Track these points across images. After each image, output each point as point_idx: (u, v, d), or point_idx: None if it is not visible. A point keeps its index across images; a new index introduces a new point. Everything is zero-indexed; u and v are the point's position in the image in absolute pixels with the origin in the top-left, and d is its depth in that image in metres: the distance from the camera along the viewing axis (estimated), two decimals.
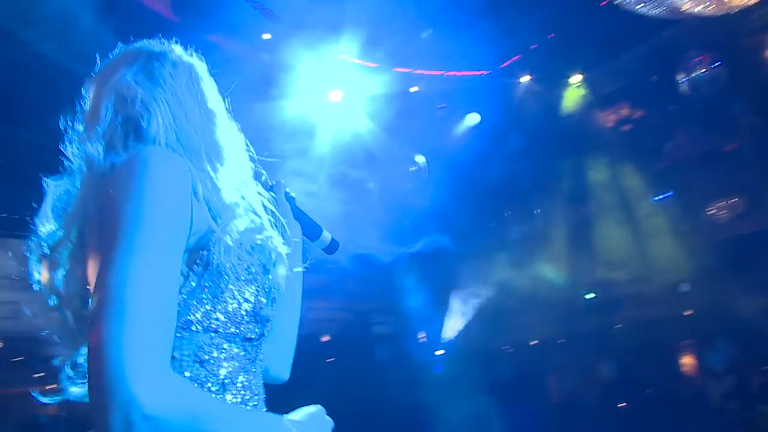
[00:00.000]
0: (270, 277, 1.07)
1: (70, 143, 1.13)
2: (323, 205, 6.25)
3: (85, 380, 0.90)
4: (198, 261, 0.96)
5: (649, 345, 11.00)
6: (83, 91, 1.18)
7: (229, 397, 0.97)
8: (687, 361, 11.90)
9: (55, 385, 1.04)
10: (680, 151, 9.62)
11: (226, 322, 0.98)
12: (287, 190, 1.37)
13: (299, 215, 1.36)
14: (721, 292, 8.25)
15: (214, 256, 0.96)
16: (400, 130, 7.98)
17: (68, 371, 1.04)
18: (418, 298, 9.19)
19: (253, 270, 1.03)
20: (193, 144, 1.08)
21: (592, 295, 10.14)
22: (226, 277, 0.97)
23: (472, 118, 8.83)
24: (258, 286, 1.03)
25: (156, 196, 0.87)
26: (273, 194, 1.27)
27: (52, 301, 1.05)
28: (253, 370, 1.05)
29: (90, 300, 0.98)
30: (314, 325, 8.87)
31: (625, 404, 10.87)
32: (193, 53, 1.25)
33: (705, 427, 8.28)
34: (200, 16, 6.13)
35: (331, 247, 1.40)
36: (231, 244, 0.97)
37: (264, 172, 1.30)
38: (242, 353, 1.01)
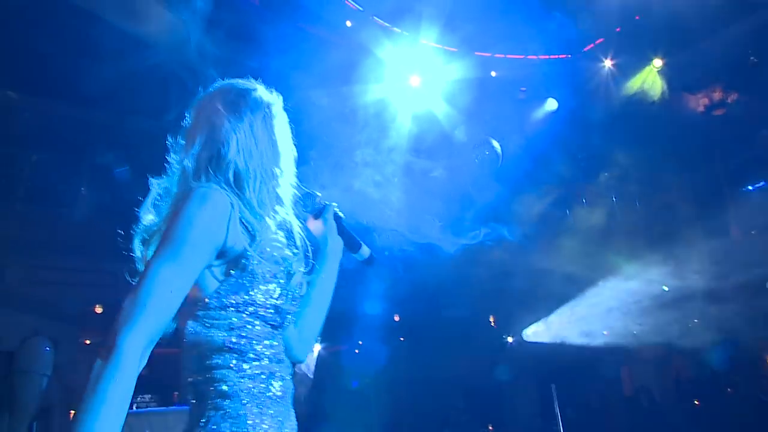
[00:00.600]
0: (291, 281, 1.40)
1: (174, 152, 1.47)
2: (393, 191, 6.43)
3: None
4: (238, 265, 1.32)
5: (729, 342, 10.56)
6: (186, 113, 1.50)
7: (246, 366, 1.31)
8: None
9: None
10: None
11: (255, 309, 1.33)
12: (336, 210, 1.65)
13: (344, 232, 1.64)
14: None
15: (250, 263, 1.32)
16: (477, 115, 7.98)
17: None
18: (486, 285, 9.24)
19: (278, 276, 1.37)
20: (253, 174, 1.41)
21: (666, 288, 9.80)
22: (258, 279, 1.33)
23: (551, 104, 8.68)
24: (281, 288, 1.37)
25: (190, 224, 1.24)
26: (322, 214, 1.62)
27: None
28: (276, 347, 1.38)
29: None
30: (387, 307, 9.13)
31: (698, 402, 10.55)
32: (273, 91, 1.55)
33: None
34: (286, 3, 6.40)
35: (369, 260, 1.66)
36: (262, 257, 1.34)
37: (319, 194, 1.61)
38: (265, 333, 1.35)
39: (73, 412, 9.95)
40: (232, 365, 1.30)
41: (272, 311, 1.35)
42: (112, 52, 5.26)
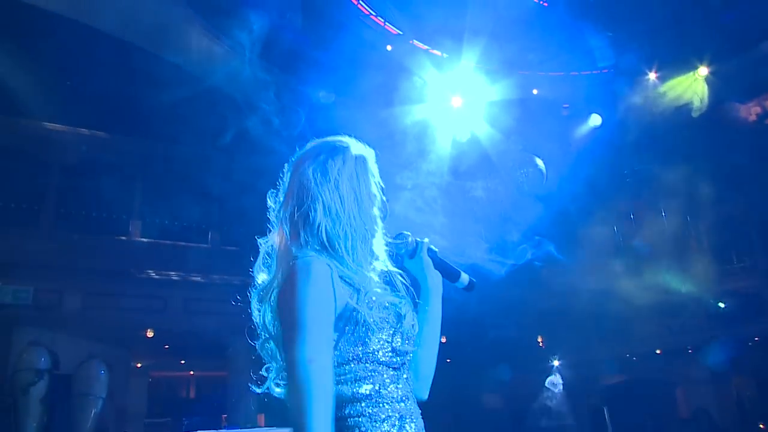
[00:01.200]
0: (404, 323, 1.43)
1: (274, 210, 1.53)
2: (436, 214, 6.42)
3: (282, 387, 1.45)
4: (350, 320, 1.37)
5: None
6: (284, 170, 1.56)
7: (378, 410, 1.36)
8: None
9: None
10: None
11: (375, 357, 1.38)
12: (431, 246, 1.67)
13: (440, 264, 1.67)
14: None
15: (360, 315, 1.36)
16: (520, 134, 7.93)
17: (274, 379, 1.49)
18: (534, 306, 9.08)
19: (389, 321, 1.40)
20: (342, 234, 1.45)
21: (723, 304, 9.42)
22: (371, 328, 1.37)
23: (595, 120, 8.55)
24: (395, 331, 1.41)
25: (308, 303, 1.30)
26: (416, 253, 1.66)
27: (264, 335, 1.49)
28: (401, 389, 1.42)
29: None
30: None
31: (763, 425, 10.06)
32: (366, 145, 1.58)
33: None
34: (326, 27, 6.54)
35: (470, 286, 1.69)
36: (370, 307, 1.38)
37: (409, 233, 1.64)
38: (389, 376, 1.40)
39: None
40: (365, 412, 1.36)
41: (391, 354, 1.40)
42: (166, 84, 5.47)
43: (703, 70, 8.69)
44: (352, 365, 1.38)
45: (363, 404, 1.35)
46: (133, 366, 10.99)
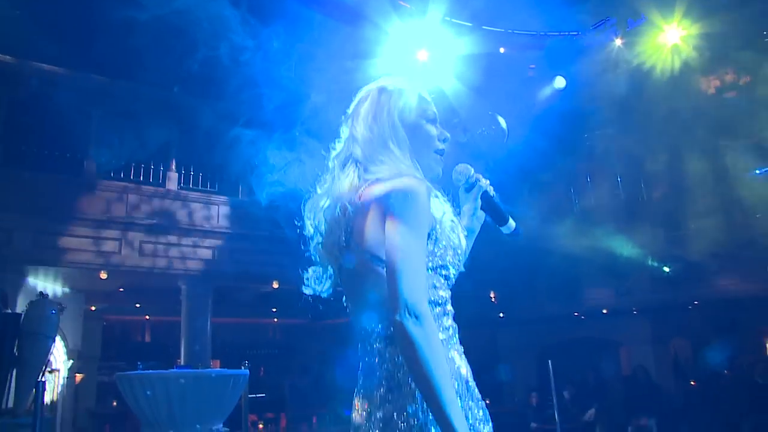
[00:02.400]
0: (461, 244, 1.59)
1: (332, 151, 1.69)
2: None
3: (322, 285, 1.67)
4: (431, 240, 1.51)
5: (729, 326, 10.63)
6: (344, 118, 1.70)
7: (446, 306, 1.53)
8: None
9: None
10: None
11: (446, 273, 1.54)
12: (488, 188, 1.80)
13: (493, 207, 1.78)
14: None
15: (440, 236, 1.52)
16: (485, 91, 7.93)
17: (318, 276, 1.68)
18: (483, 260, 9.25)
19: (454, 243, 1.55)
20: (414, 165, 1.61)
21: (667, 269, 9.83)
22: (447, 248, 1.53)
23: (559, 82, 8.61)
24: (455, 250, 1.55)
25: (420, 213, 1.45)
26: (472, 189, 1.80)
27: (320, 240, 1.63)
28: (450, 306, 1.59)
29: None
30: None
31: (694, 383, 10.67)
32: (410, 78, 1.73)
33: None
34: None
35: (515, 233, 1.79)
36: (444, 229, 1.54)
37: (471, 168, 1.77)
38: (446, 292, 1.55)
39: (80, 375, 10.18)
40: (435, 312, 1.49)
41: (454, 274, 1.56)
42: (126, 22, 5.25)
43: (669, 39, 8.79)
44: (429, 274, 1.51)
45: (437, 309, 1.51)
46: (86, 309, 10.88)
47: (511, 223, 1.75)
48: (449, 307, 1.57)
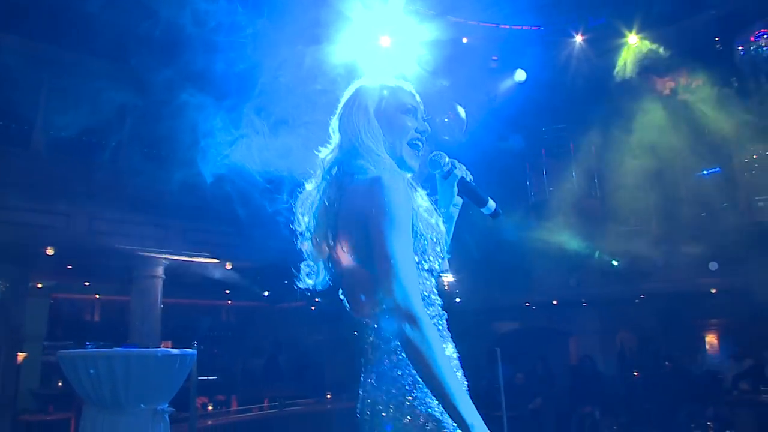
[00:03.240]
0: (441, 235, 1.60)
1: (319, 152, 1.71)
2: None
3: (317, 278, 1.67)
4: (412, 231, 1.50)
5: (672, 319, 11.04)
6: (332, 119, 1.72)
7: (429, 309, 1.53)
8: (707, 339, 11.93)
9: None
10: (731, 127, 9.31)
11: (428, 266, 1.55)
12: (464, 174, 1.83)
13: (471, 190, 1.82)
14: (748, 274, 8.15)
15: (420, 229, 1.53)
16: (446, 81, 7.95)
17: (309, 270, 1.68)
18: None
19: (433, 234, 1.56)
20: (390, 161, 1.62)
21: (616, 263, 10.13)
22: (424, 239, 1.54)
23: (520, 75, 8.72)
24: (437, 241, 1.57)
25: (401, 206, 1.45)
26: (449, 176, 1.82)
27: (309, 234, 1.65)
28: (434, 296, 1.60)
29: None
30: None
31: (638, 373, 11.06)
32: (402, 77, 1.78)
33: (713, 404, 8.39)
34: None
35: (495, 213, 1.82)
36: (423, 223, 1.54)
37: (445, 154, 1.80)
38: (430, 284, 1.57)
39: (22, 354, 9.87)
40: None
41: (437, 266, 1.57)
42: None
43: (629, 39, 8.99)
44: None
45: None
46: (32, 285, 10.54)
47: (491, 203, 1.79)
48: (435, 297, 1.58)
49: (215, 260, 9.96)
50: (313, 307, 11.53)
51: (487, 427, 1.31)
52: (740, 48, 7.71)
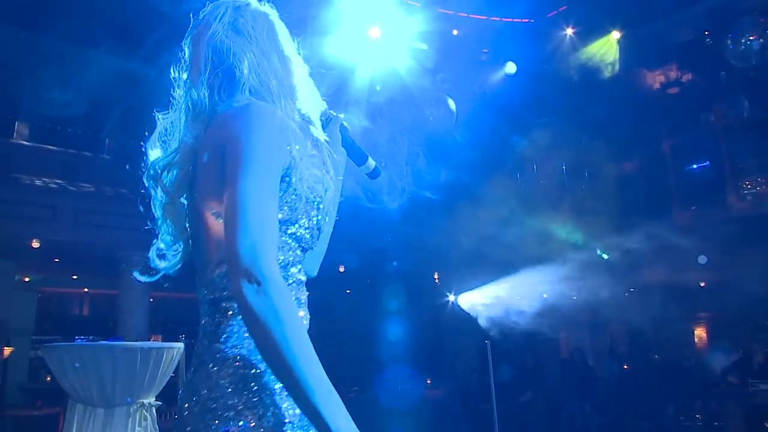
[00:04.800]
0: (325, 198, 1.33)
1: (177, 87, 1.40)
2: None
3: (170, 260, 1.37)
4: (282, 182, 1.23)
5: (661, 312, 11.08)
6: (183, 45, 1.41)
7: (290, 273, 1.26)
8: (696, 332, 12.00)
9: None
10: (721, 120, 9.35)
11: (295, 230, 1.27)
12: (343, 122, 1.59)
13: (349, 144, 1.59)
14: (738, 268, 8.19)
15: (293, 181, 1.24)
16: (436, 73, 7.92)
17: (161, 249, 1.39)
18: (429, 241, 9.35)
19: (316, 195, 1.29)
20: (273, 90, 1.34)
21: (606, 256, 10.15)
22: (300, 197, 1.26)
23: (510, 68, 8.69)
24: (318, 209, 1.30)
25: (266, 141, 1.18)
26: (329, 125, 1.56)
27: (167, 201, 1.36)
28: (300, 274, 1.31)
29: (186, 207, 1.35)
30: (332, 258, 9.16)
31: (627, 366, 11.10)
32: (266, 2, 1.47)
33: (701, 397, 8.44)
34: None
35: (374, 173, 1.62)
36: (303, 174, 1.26)
37: (325, 104, 1.54)
38: (295, 256, 1.28)
39: (9, 348, 9.78)
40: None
41: (308, 233, 1.28)
42: None
43: (617, 33, 8.97)
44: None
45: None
46: (19, 279, 10.44)
47: (371, 162, 1.59)
48: (299, 275, 1.30)
49: None
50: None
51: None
52: (730, 42, 7.70)
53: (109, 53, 7.81)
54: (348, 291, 11.24)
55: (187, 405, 1.16)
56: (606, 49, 9.02)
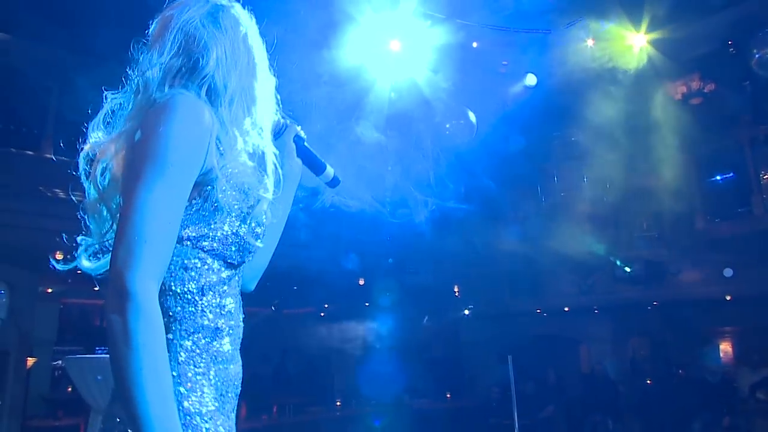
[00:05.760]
0: (255, 211, 1.23)
1: (135, 65, 1.29)
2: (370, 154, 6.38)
3: (97, 259, 1.28)
4: (200, 193, 1.16)
5: (686, 326, 10.88)
6: (151, 22, 1.33)
7: (206, 299, 1.16)
8: (722, 347, 11.73)
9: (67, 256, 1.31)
10: (746, 131, 9.20)
11: (214, 244, 1.17)
12: (299, 131, 1.53)
13: (305, 153, 1.54)
14: (763, 281, 8.02)
15: (214, 192, 1.15)
16: (457, 84, 7.92)
17: (88, 248, 1.31)
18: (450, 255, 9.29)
19: (243, 207, 1.20)
20: (230, 90, 1.27)
21: (629, 269, 10.00)
22: (220, 211, 1.17)
23: (530, 79, 8.66)
24: (245, 222, 1.21)
25: (175, 140, 1.08)
26: (280, 134, 1.49)
27: (93, 195, 1.29)
28: (232, 291, 1.23)
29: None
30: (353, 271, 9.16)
31: (650, 381, 10.89)
32: (248, 10, 1.41)
33: (728, 413, 8.23)
34: None
35: (333, 182, 1.56)
36: (228, 183, 1.18)
37: (281, 117, 1.48)
38: (223, 273, 1.20)
39: (32, 359, 9.89)
40: (176, 314, 1.13)
41: (234, 248, 1.19)
42: None
43: (639, 42, 8.89)
44: (185, 246, 1.15)
45: (177, 303, 1.13)
46: (41, 291, 10.56)
47: (329, 170, 1.55)
48: (226, 301, 1.20)
49: None
50: (322, 314, 11.48)
51: None
52: (754, 51, 7.59)
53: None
54: (366, 304, 11.22)
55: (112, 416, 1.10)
56: (628, 58, 8.95)
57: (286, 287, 10.40)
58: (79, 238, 1.32)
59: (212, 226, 1.17)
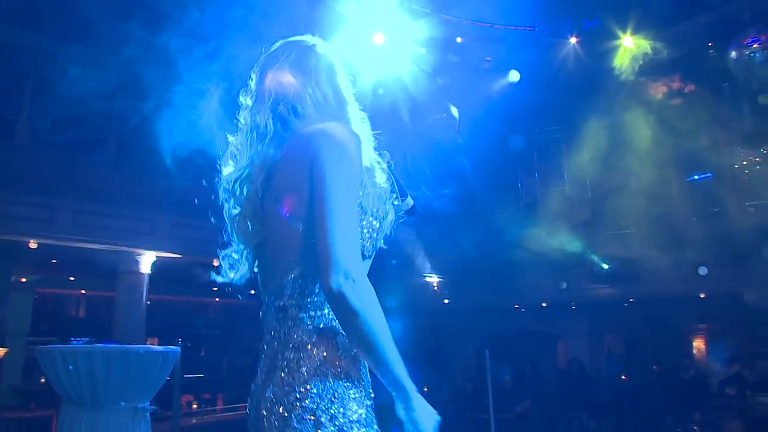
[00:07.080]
0: (387, 220, 1.46)
1: (241, 111, 1.55)
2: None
3: (239, 270, 1.50)
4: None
5: (661, 323, 11.05)
6: (252, 74, 1.56)
7: None
8: (695, 344, 11.96)
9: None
10: (724, 131, 9.32)
11: (361, 240, 1.38)
12: (390, 160, 1.68)
13: (391, 180, 1.66)
14: (737, 279, 8.16)
15: (363, 203, 1.38)
16: (438, 79, 7.91)
17: (233, 261, 1.52)
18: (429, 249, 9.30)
19: (379, 212, 1.43)
20: (353, 119, 1.52)
21: (606, 266, 10.12)
22: (365, 214, 1.39)
23: (513, 76, 8.68)
24: (380, 223, 1.43)
25: (351, 156, 1.32)
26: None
27: (237, 212, 1.48)
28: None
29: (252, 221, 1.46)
30: None
31: (625, 377, 11.06)
32: (332, 45, 1.63)
33: (700, 408, 8.38)
34: None
35: (412, 211, 1.72)
36: (370, 190, 1.41)
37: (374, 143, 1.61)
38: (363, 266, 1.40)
39: (3, 349, 9.72)
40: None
41: (370, 247, 1.41)
42: None
43: (623, 42, 8.96)
44: None
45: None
46: (15, 280, 10.38)
47: (409, 199, 1.68)
48: None
49: (203, 257, 9.84)
50: None
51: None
52: (733, 53, 7.69)
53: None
54: None
55: (262, 407, 1.31)
56: (609, 58, 9.01)
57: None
58: (221, 253, 1.53)
59: (360, 226, 1.37)
